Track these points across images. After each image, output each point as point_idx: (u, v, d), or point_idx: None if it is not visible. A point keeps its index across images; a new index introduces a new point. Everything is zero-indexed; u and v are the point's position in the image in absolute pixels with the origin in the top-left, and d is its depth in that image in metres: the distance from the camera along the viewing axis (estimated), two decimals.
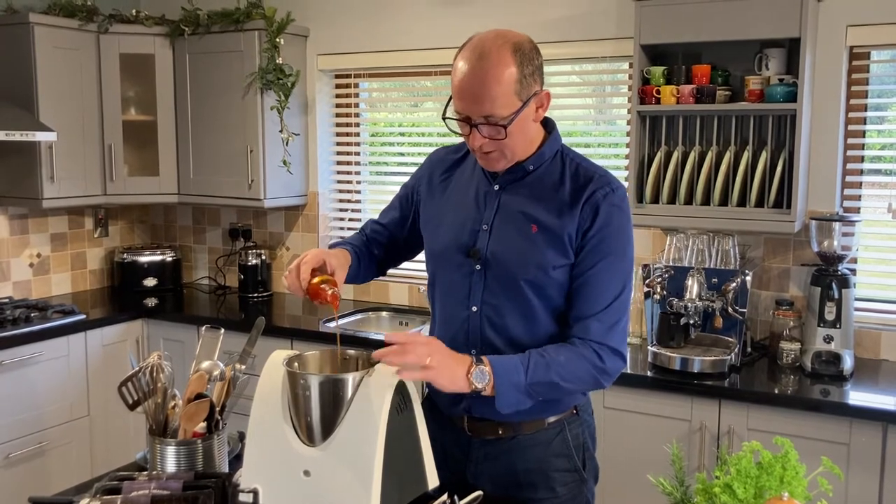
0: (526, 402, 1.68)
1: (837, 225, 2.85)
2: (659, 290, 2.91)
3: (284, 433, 1.51)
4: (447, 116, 1.73)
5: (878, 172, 3.06)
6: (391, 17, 3.79)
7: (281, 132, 3.82)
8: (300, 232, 4.18)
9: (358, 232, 2.06)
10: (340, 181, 4.17)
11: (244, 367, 1.80)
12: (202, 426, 1.73)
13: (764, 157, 2.86)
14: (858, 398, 2.60)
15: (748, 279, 2.84)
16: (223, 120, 3.89)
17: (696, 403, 2.71)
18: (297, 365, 1.56)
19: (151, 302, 4.00)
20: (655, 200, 3.01)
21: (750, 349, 3.00)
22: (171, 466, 1.68)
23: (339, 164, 4.16)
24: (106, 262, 4.36)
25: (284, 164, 3.85)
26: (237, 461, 1.76)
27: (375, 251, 2.00)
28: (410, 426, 1.54)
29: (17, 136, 3.34)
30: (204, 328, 1.87)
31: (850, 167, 3.06)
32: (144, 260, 4.22)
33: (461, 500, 1.57)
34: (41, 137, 3.47)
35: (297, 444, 1.50)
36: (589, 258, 1.72)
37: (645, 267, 3.00)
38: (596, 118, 3.60)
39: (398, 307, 3.89)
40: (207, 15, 3.84)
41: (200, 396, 1.72)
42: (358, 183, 4.14)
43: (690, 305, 2.83)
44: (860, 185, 3.06)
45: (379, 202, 3.99)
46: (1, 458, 3.27)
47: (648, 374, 2.82)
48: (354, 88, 4.08)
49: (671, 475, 1.42)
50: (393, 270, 2.15)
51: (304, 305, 3.96)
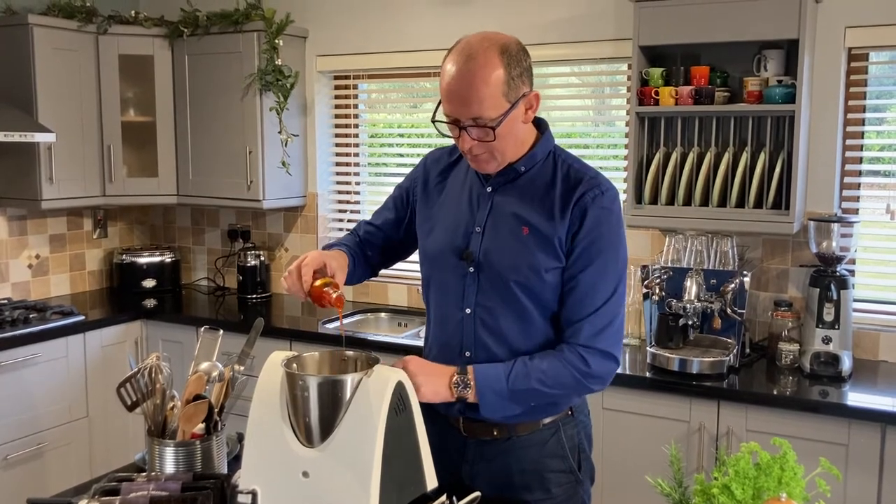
0: (514, 407, 1.72)
1: (836, 226, 2.85)
2: (657, 291, 2.91)
3: (283, 434, 1.51)
4: (437, 119, 1.73)
5: (876, 174, 3.06)
6: (390, 18, 3.79)
7: (280, 133, 3.82)
8: (299, 233, 4.18)
9: (350, 233, 2.05)
10: (339, 182, 4.17)
11: (243, 368, 1.80)
12: (201, 427, 1.73)
13: (762, 158, 2.86)
14: (857, 399, 2.60)
15: (747, 280, 2.85)
16: (222, 121, 3.89)
17: (694, 404, 2.71)
18: (295, 366, 1.56)
19: (150, 303, 4.00)
20: (654, 201, 3.01)
21: (748, 350, 3.01)
22: (169, 467, 1.68)
23: (338, 165, 4.16)
24: (105, 263, 4.36)
25: (283, 165, 3.85)
26: (236, 462, 1.76)
27: (369, 252, 2.01)
28: (409, 427, 1.54)
29: (15, 137, 3.34)
30: (203, 329, 1.87)
31: (848, 168, 3.06)
32: (143, 261, 4.22)
33: (459, 501, 1.57)
34: (40, 138, 3.47)
35: (295, 445, 1.50)
36: (579, 261, 1.72)
37: (644, 268, 3.01)
38: (595, 119, 3.60)
39: (397, 308, 3.89)
40: (206, 16, 3.84)
41: (199, 397, 1.72)
42: (357, 184, 4.14)
43: (689, 306, 2.84)
44: (859, 186, 3.07)
45: (378, 203, 3.90)
46: (0, 459, 3.28)
47: (647, 375, 2.82)
48: (353, 90, 4.08)
49: (670, 476, 1.42)
50: (392, 271, 2.15)
51: (302, 307, 3.96)
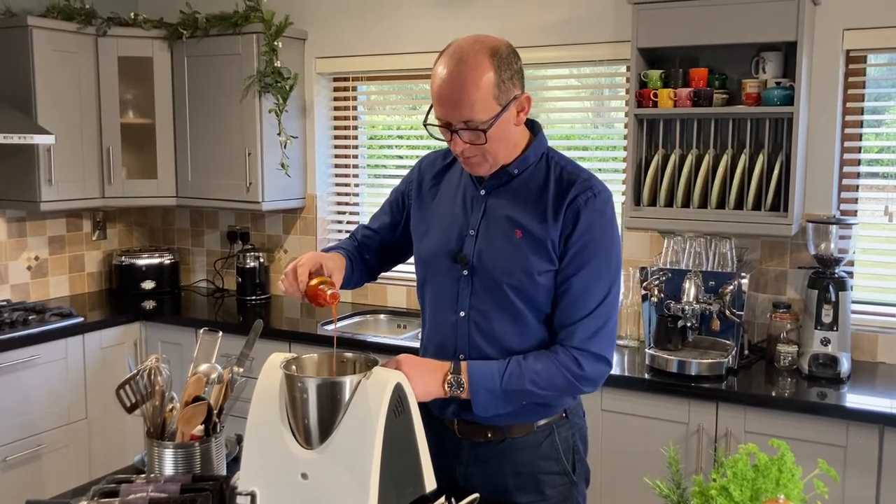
0: (505, 406, 1.72)
1: (834, 228, 2.85)
2: (656, 292, 2.91)
3: (282, 436, 1.51)
4: (428, 123, 1.74)
5: (874, 175, 3.07)
6: (389, 20, 3.80)
7: (279, 135, 3.82)
8: (298, 235, 4.18)
9: (349, 237, 2.06)
10: (338, 184, 4.18)
11: (242, 369, 1.80)
12: (200, 429, 1.74)
13: (761, 160, 2.86)
14: (855, 401, 2.61)
15: (745, 282, 2.85)
16: (221, 123, 3.89)
17: (693, 406, 2.71)
18: (294, 368, 1.56)
19: (149, 305, 4.00)
20: (653, 203, 3.02)
21: (747, 352, 3.01)
22: (168, 469, 1.68)
23: (337, 167, 4.17)
24: (104, 264, 4.36)
25: (282, 166, 3.85)
26: (235, 464, 1.76)
27: (367, 256, 2.01)
28: (408, 429, 1.55)
29: (15, 138, 3.34)
30: (202, 331, 1.87)
31: (846, 170, 3.07)
32: (142, 263, 4.22)
33: (459, 502, 1.57)
34: (39, 140, 3.47)
35: (294, 446, 1.51)
36: (572, 264, 1.72)
37: (642, 269, 3.01)
38: (594, 121, 3.61)
39: (396, 310, 3.89)
40: (206, 18, 3.84)
41: (198, 399, 1.72)
42: (356, 186, 4.15)
43: (688, 308, 2.84)
44: (857, 188, 3.07)
45: (377, 205, 3.91)
46: None
47: (646, 376, 2.82)
48: (352, 91, 4.09)
49: (668, 478, 1.42)
50: (391, 273, 2.15)
51: (301, 308, 3.96)
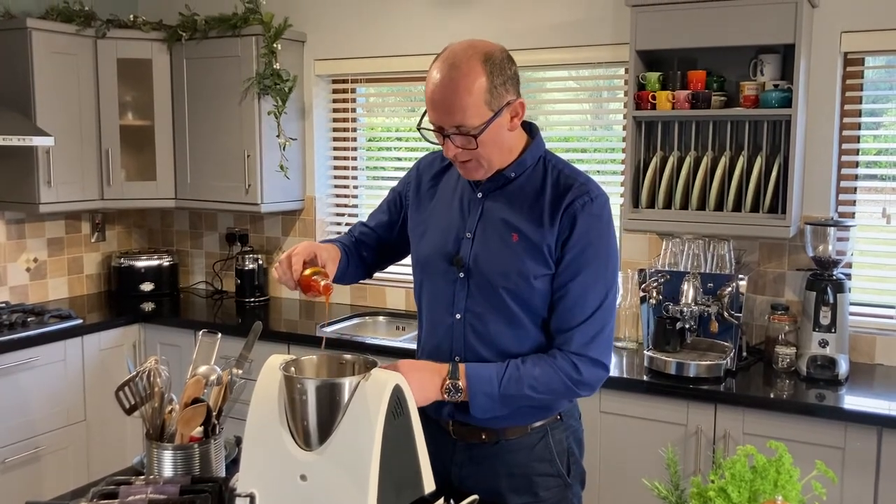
0: (502, 409, 1.73)
1: (832, 230, 2.86)
2: (655, 294, 2.92)
3: (281, 437, 1.52)
4: (422, 127, 1.74)
5: (872, 178, 3.08)
6: (388, 22, 3.80)
7: (278, 137, 3.82)
8: (297, 237, 4.18)
9: (346, 233, 2.06)
10: (337, 186, 4.18)
11: (241, 371, 1.80)
12: (199, 431, 1.74)
13: (759, 162, 2.87)
14: (853, 402, 2.61)
15: (743, 284, 2.85)
16: (220, 125, 3.89)
17: (691, 408, 2.71)
18: (293, 369, 1.56)
19: (148, 306, 4.00)
20: (651, 205, 3.02)
21: (745, 354, 3.01)
22: (167, 471, 1.68)
23: (336, 168, 4.17)
24: (103, 266, 4.36)
25: (282, 168, 3.86)
26: (234, 466, 1.76)
27: (364, 253, 2.01)
28: (406, 430, 1.55)
29: (14, 140, 3.34)
30: (201, 333, 1.88)
31: (844, 172, 3.07)
32: (141, 264, 4.22)
33: None
34: (38, 142, 3.47)
35: (293, 448, 1.51)
36: (569, 269, 1.72)
37: (641, 272, 3.01)
38: (592, 123, 3.61)
39: (395, 311, 3.88)
40: (205, 20, 3.85)
41: (197, 401, 1.72)
42: (355, 188, 4.15)
43: (686, 310, 2.84)
44: (855, 190, 3.08)
45: (376, 207, 3.99)
46: None
47: (644, 378, 2.82)
48: (351, 93, 4.09)
49: (666, 479, 1.42)
50: (389, 275, 2.16)
51: (301, 310, 3.96)
